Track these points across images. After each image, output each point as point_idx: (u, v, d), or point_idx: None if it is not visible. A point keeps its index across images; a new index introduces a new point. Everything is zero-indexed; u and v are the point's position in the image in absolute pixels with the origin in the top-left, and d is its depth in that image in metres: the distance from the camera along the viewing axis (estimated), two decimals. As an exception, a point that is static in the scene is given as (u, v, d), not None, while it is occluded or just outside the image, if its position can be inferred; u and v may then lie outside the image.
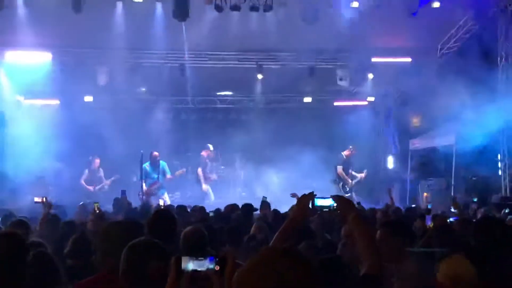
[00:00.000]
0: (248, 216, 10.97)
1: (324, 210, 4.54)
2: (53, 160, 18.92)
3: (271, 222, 9.92)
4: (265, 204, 12.88)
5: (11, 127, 18.88)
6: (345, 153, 20.19)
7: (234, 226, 8.75)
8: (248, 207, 11.54)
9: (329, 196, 4.49)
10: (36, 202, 10.02)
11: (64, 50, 18.73)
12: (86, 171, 19.66)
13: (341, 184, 19.86)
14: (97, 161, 19.77)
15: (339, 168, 19.93)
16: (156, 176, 18.81)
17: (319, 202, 4.48)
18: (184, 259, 2.85)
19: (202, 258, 2.83)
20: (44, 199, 9.80)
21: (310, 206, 4.43)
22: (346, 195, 18.09)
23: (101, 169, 19.87)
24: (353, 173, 20.23)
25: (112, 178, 19.42)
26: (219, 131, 21.83)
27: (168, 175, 19.00)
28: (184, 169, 19.76)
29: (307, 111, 22.59)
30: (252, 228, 8.46)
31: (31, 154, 18.07)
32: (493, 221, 6.70)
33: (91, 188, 19.32)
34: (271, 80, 20.41)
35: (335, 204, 4.36)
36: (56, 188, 17.68)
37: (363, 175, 20.20)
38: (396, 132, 23.36)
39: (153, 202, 15.97)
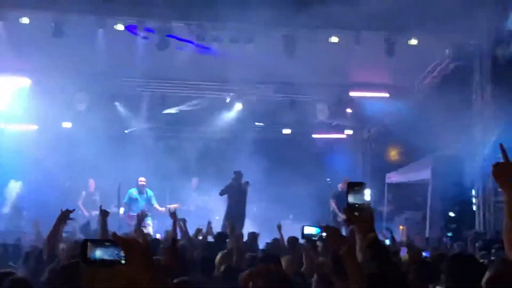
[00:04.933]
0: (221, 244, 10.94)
1: (312, 238, 4.53)
2: (30, 186, 18.81)
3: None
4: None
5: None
6: (340, 185, 19.78)
7: (206, 254, 8.73)
8: (221, 235, 11.59)
9: (317, 225, 4.47)
10: None
11: (43, 75, 18.63)
12: (84, 193, 19.41)
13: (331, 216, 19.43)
14: (92, 182, 19.50)
15: (332, 202, 19.44)
16: (143, 203, 18.39)
17: (306, 230, 4.45)
18: (89, 246, 2.41)
19: (109, 243, 2.39)
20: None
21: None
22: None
23: (97, 192, 19.63)
24: None
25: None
26: (197, 160, 21.81)
27: (156, 205, 18.64)
28: (180, 204, 19.09)
29: (286, 143, 22.67)
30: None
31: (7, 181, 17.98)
32: (466, 257, 6.77)
33: (86, 212, 18.74)
34: (251, 110, 20.51)
35: (323, 234, 4.30)
36: (31, 215, 17.51)
37: None
38: (372, 165, 23.51)
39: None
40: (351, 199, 3.83)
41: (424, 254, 10.43)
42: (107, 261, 2.37)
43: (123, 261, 2.34)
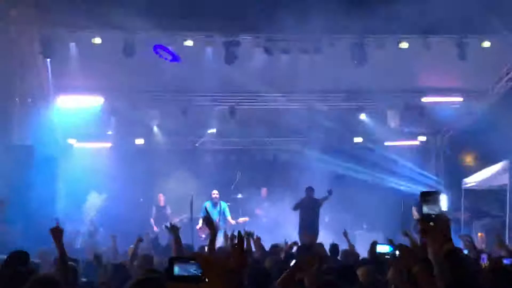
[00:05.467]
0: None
1: (385, 256, 4.43)
2: (105, 203, 19.12)
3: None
4: None
5: (63, 171, 19.18)
6: None
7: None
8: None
9: (388, 243, 4.37)
10: None
11: (115, 93, 18.96)
12: (154, 208, 19.66)
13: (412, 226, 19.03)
14: (162, 197, 19.70)
15: (414, 210, 19.12)
16: (216, 216, 18.45)
17: (379, 248, 4.35)
18: (175, 263, 2.74)
19: (192, 261, 2.69)
20: None
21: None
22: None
23: (168, 207, 19.83)
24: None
25: (182, 217, 18.80)
26: (267, 171, 21.80)
27: (229, 217, 18.77)
28: (247, 218, 19.26)
29: (358, 151, 22.40)
30: None
31: (82, 198, 18.31)
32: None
33: (156, 228, 19.03)
34: (321, 120, 20.38)
35: (397, 252, 4.19)
36: (106, 231, 17.79)
37: None
38: (447, 171, 23.07)
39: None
40: (425, 209, 3.71)
41: (505, 261, 10.11)
42: (190, 278, 2.64)
43: (205, 278, 2.58)
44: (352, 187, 19.10)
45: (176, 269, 2.70)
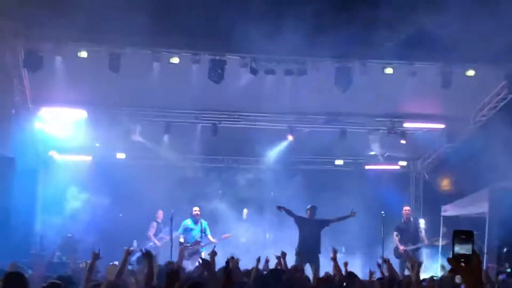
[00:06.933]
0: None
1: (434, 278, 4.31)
2: (84, 217, 19.01)
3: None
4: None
5: (43, 183, 19.07)
6: (403, 218, 19.21)
7: None
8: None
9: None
10: None
11: (99, 107, 18.88)
12: (154, 224, 19.49)
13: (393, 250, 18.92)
14: (161, 213, 19.51)
15: (395, 235, 18.87)
16: (197, 233, 18.46)
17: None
18: None
19: None
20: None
21: None
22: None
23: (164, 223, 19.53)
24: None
25: (176, 234, 18.26)
26: (249, 191, 21.79)
27: (209, 236, 18.64)
28: (230, 234, 19.07)
29: (339, 174, 22.49)
30: None
31: (62, 211, 18.19)
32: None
33: (158, 243, 18.89)
34: (302, 142, 20.44)
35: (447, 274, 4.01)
36: (84, 244, 17.66)
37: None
38: (426, 197, 23.18)
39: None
40: (457, 248, 3.61)
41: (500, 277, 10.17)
42: None
43: None
44: (332, 210, 19.04)
45: None
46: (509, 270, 17.17)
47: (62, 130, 18.86)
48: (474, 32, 14.63)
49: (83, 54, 15.64)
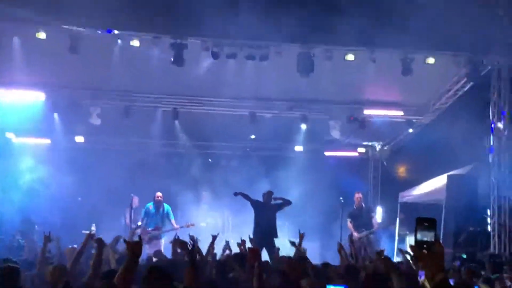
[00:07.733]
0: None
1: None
2: (41, 199, 18.78)
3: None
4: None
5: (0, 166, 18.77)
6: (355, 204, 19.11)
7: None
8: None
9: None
10: None
11: (57, 90, 18.58)
12: (132, 211, 19.16)
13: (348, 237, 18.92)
14: (136, 199, 19.02)
15: (348, 221, 18.81)
16: (159, 219, 18.32)
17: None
18: None
19: None
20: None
21: None
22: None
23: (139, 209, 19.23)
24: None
25: (139, 223, 18.28)
26: (210, 177, 21.76)
27: (173, 221, 18.47)
28: (193, 223, 18.53)
29: (298, 160, 22.57)
30: None
31: (20, 195, 17.94)
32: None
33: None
34: (264, 128, 20.43)
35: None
36: (43, 228, 17.42)
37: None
38: (384, 184, 23.41)
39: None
40: (419, 235, 3.59)
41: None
42: None
43: None
44: (291, 196, 19.09)
45: None
46: (464, 256, 17.40)
47: (19, 112, 18.50)
48: (435, 20, 14.75)
49: (42, 35, 15.33)
